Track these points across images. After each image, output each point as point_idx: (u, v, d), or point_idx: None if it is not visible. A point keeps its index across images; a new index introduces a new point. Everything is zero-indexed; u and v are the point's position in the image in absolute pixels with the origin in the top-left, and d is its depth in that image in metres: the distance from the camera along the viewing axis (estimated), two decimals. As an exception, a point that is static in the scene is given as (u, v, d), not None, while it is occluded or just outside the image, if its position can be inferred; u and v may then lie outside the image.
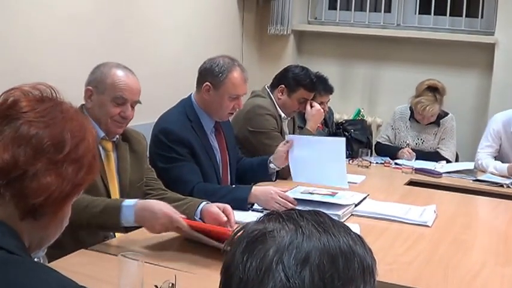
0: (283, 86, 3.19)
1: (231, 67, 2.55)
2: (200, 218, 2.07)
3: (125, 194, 2.15)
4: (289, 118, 3.34)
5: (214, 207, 2.04)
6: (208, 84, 2.54)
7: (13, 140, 0.92)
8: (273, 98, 3.23)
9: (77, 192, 0.98)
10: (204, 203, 2.10)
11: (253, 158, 2.91)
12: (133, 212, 1.84)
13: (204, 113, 2.60)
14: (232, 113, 2.63)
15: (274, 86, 3.25)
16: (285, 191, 2.46)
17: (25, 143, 0.92)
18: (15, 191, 0.92)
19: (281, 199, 2.35)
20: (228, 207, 2.04)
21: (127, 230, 1.97)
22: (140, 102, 2.16)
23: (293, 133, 3.39)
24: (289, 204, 2.35)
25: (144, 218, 1.85)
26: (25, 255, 0.92)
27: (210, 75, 2.55)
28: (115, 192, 2.14)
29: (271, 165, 2.76)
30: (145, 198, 2.24)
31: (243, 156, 2.93)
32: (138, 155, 2.26)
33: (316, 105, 3.35)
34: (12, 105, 0.95)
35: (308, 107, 3.34)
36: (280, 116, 3.23)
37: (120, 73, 2.10)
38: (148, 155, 2.58)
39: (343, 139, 2.86)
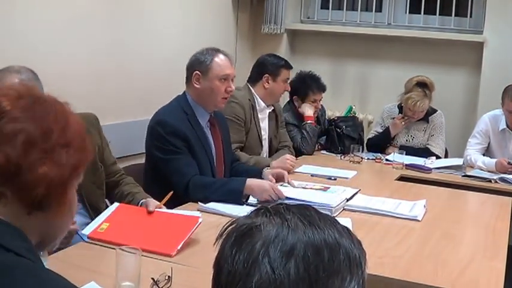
0: (267, 75, 3.35)
1: (215, 52, 2.63)
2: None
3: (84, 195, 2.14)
4: (269, 110, 3.41)
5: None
6: (197, 72, 2.60)
7: (0, 139, 0.92)
8: (253, 90, 3.35)
9: (75, 175, 0.98)
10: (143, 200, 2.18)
11: (248, 167, 2.94)
12: None
13: (199, 106, 2.63)
14: (225, 98, 2.65)
15: (256, 79, 3.38)
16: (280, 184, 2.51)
17: (14, 138, 0.92)
18: (15, 187, 0.92)
19: (274, 193, 2.40)
20: None
21: None
22: None
23: (275, 125, 3.48)
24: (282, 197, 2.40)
25: None
26: (33, 257, 0.91)
27: (197, 64, 2.62)
28: None
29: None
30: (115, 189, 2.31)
31: (239, 159, 2.96)
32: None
33: None
34: None
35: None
36: (253, 106, 3.30)
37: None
38: (145, 147, 2.63)
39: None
